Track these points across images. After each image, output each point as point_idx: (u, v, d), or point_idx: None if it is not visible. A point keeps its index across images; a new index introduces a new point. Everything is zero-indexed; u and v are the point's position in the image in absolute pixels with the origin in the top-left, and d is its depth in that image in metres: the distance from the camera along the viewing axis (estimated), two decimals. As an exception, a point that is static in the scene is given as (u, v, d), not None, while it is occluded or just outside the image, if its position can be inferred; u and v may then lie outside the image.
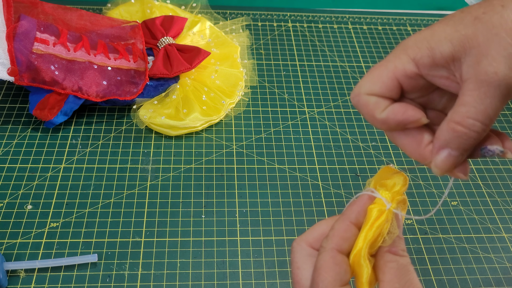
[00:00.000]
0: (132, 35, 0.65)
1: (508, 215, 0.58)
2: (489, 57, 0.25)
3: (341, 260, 0.29)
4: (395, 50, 0.29)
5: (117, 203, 0.54)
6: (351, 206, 0.31)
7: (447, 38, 0.27)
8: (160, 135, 0.61)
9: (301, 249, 0.32)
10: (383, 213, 0.30)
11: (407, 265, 0.29)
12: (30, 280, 0.48)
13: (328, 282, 0.29)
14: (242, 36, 0.72)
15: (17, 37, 0.57)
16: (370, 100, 0.29)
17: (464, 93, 0.26)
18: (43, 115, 0.59)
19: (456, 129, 0.26)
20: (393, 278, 0.29)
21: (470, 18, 0.27)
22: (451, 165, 0.28)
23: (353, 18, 0.83)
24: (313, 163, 0.61)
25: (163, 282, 0.49)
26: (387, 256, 0.30)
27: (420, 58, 0.28)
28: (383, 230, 0.30)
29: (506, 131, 0.67)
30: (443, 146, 0.27)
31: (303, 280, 0.31)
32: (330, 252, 0.30)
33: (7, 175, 0.56)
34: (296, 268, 0.32)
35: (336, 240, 0.30)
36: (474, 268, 0.52)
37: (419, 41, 0.28)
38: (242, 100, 0.66)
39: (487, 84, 0.25)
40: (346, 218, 0.31)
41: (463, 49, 0.26)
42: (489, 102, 0.26)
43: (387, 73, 0.29)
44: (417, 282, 0.29)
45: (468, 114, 0.26)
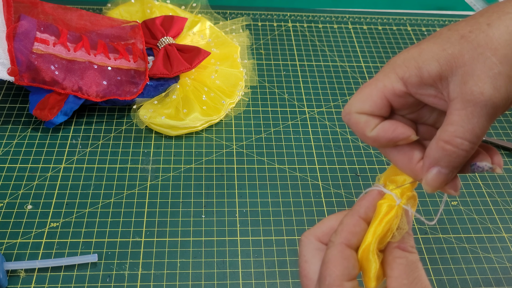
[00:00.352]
0: (132, 35, 0.65)
1: (508, 215, 0.58)
2: (475, 77, 0.26)
3: (350, 255, 0.30)
4: (384, 68, 0.30)
5: (117, 203, 0.54)
6: (361, 201, 0.31)
7: (434, 57, 0.27)
8: (160, 135, 0.61)
9: (309, 242, 0.33)
10: (392, 209, 0.30)
11: (416, 261, 0.29)
12: (30, 280, 0.48)
13: (335, 276, 0.29)
14: (242, 36, 0.72)
15: (17, 37, 0.57)
16: (360, 118, 0.30)
17: (452, 112, 0.27)
18: (43, 115, 0.59)
19: (445, 147, 0.27)
20: (402, 274, 0.29)
21: (456, 37, 0.27)
22: (441, 183, 0.28)
23: (353, 18, 0.83)
24: (313, 163, 0.61)
25: (163, 282, 0.49)
26: (396, 252, 0.30)
27: (408, 77, 0.28)
28: (393, 226, 0.30)
29: (506, 131, 0.67)
30: (433, 164, 0.28)
31: (311, 274, 0.31)
32: (339, 247, 0.30)
33: (7, 175, 0.56)
34: (304, 262, 0.32)
35: (345, 234, 0.30)
36: (474, 268, 0.52)
37: (407, 60, 0.28)
38: (242, 100, 0.66)
39: (473, 104, 0.26)
40: (355, 213, 0.31)
41: (449, 68, 0.27)
42: (476, 122, 0.26)
43: (376, 92, 0.29)
44: (426, 279, 0.29)
45: (456, 134, 0.26)
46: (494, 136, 0.66)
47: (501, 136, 0.66)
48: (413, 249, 0.30)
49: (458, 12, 0.89)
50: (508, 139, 0.66)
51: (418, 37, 0.81)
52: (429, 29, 0.83)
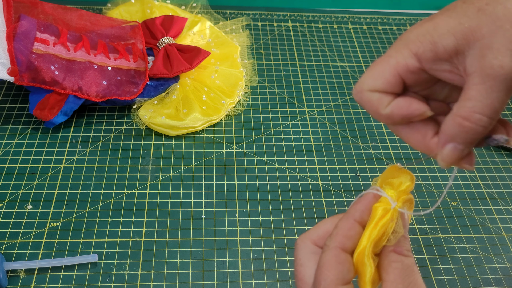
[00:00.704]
0: (132, 35, 0.65)
1: (508, 215, 0.58)
2: (494, 50, 0.25)
3: (344, 259, 0.29)
4: (396, 44, 0.29)
5: (117, 203, 0.54)
6: (356, 204, 0.31)
7: (450, 31, 0.26)
8: (160, 135, 0.61)
9: (305, 246, 0.32)
10: (388, 212, 0.29)
11: (411, 265, 0.29)
12: (30, 280, 0.48)
13: (330, 280, 0.29)
14: (242, 36, 0.72)
15: (17, 37, 0.57)
16: (373, 96, 0.29)
17: (470, 87, 0.26)
18: (43, 115, 0.59)
19: (462, 124, 0.26)
20: (397, 279, 0.29)
21: (473, 10, 0.26)
22: (457, 158, 0.28)
23: (353, 18, 0.83)
24: (313, 163, 0.61)
25: (163, 282, 0.49)
26: (391, 255, 0.29)
27: (423, 53, 0.27)
28: (388, 229, 0.29)
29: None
30: (449, 140, 0.27)
31: (306, 278, 0.31)
32: (334, 251, 0.29)
33: (7, 175, 0.56)
34: (299, 265, 0.32)
35: (339, 238, 0.30)
36: (474, 268, 0.52)
37: (421, 35, 0.27)
38: (242, 100, 0.66)
39: (493, 78, 0.25)
40: (350, 217, 0.30)
41: (466, 42, 0.26)
42: (495, 96, 0.25)
43: (389, 69, 0.28)
44: (422, 283, 0.29)
45: (474, 109, 0.26)
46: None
47: (501, 136, 0.66)
48: (409, 252, 0.30)
49: (458, 12, 0.89)
50: (508, 139, 0.66)
51: (418, 37, 0.81)
52: (429, 29, 0.83)
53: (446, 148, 0.28)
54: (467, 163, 0.29)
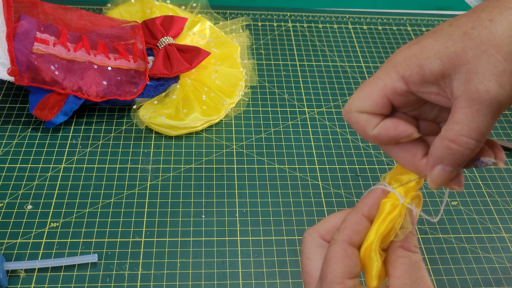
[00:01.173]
0: (132, 35, 0.65)
1: (508, 215, 0.58)
2: (479, 74, 0.25)
3: (352, 253, 0.29)
4: (384, 66, 0.29)
5: (117, 203, 0.54)
6: (364, 199, 0.31)
7: (436, 55, 0.27)
8: (160, 135, 0.61)
9: (312, 239, 0.32)
10: (396, 208, 0.30)
11: (419, 261, 0.29)
12: (30, 280, 0.48)
13: (337, 273, 0.29)
14: (242, 36, 0.72)
15: (17, 37, 0.57)
16: (361, 117, 0.29)
17: (457, 110, 0.26)
18: (43, 115, 0.59)
19: (450, 146, 0.27)
20: (404, 274, 0.29)
21: (459, 34, 0.26)
22: (445, 179, 0.28)
23: (353, 18, 0.83)
24: (313, 163, 0.61)
25: (163, 282, 0.49)
26: (399, 251, 0.29)
27: (410, 76, 0.28)
28: (396, 225, 0.29)
29: (506, 131, 0.67)
30: (438, 162, 0.28)
31: (313, 271, 0.31)
32: (341, 244, 0.30)
33: (7, 175, 0.56)
34: (306, 259, 0.32)
35: (347, 232, 0.30)
36: (474, 268, 0.52)
37: (408, 58, 0.28)
38: (242, 100, 0.66)
39: (479, 102, 0.26)
40: (358, 211, 0.30)
41: (452, 66, 0.26)
42: (481, 120, 0.26)
43: (377, 91, 0.29)
44: (428, 279, 0.29)
45: (461, 132, 0.26)
46: (494, 136, 0.66)
47: (501, 136, 0.66)
48: (416, 248, 0.30)
49: (458, 12, 0.89)
50: (508, 139, 0.66)
51: (418, 37, 0.81)
52: (429, 29, 0.83)
53: (435, 170, 0.28)
54: (456, 184, 0.29)
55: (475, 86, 0.26)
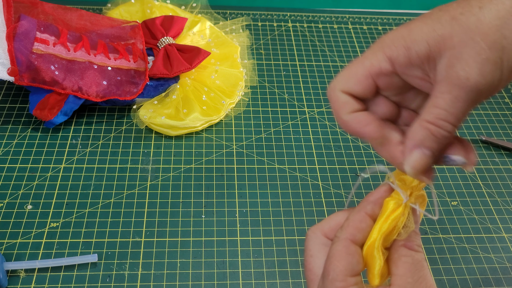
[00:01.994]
0: (132, 35, 0.65)
1: (508, 215, 0.58)
2: (463, 61, 0.25)
3: (354, 251, 0.29)
4: (372, 47, 0.29)
5: (117, 203, 0.54)
6: (368, 197, 0.31)
7: (423, 38, 0.27)
8: (160, 135, 0.61)
9: (315, 237, 0.32)
10: (399, 206, 0.30)
11: (421, 260, 0.29)
12: (30, 280, 0.48)
13: (339, 270, 0.29)
14: (242, 36, 0.72)
15: (17, 37, 0.57)
16: (340, 97, 0.30)
17: (437, 95, 0.26)
18: (43, 115, 0.59)
19: (429, 128, 0.27)
20: (407, 273, 0.29)
21: (447, 18, 0.26)
22: (424, 165, 0.28)
23: (353, 18, 0.83)
24: (313, 163, 0.61)
25: (163, 282, 0.49)
26: (401, 250, 0.29)
27: (396, 57, 0.28)
28: (399, 224, 0.29)
29: (506, 131, 0.67)
30: (417, 145, 0.28)
31: (315, 268, 0.31)
32: (344, 242, 0.30)
33: (7, 175, 0.56)
34: (309, 256, 0.32)
35: (350, 230, 0.30)
36: (474, 268, 0.52)
37: (396, 39, 0.28)
38: (242, 100, 0.66)
39: (459, 88, 0.26)
40: (362, 209, 0.30)
41: (438, 50, 0.26)
42: (459, 106, 0.26)
43: (362, 70, 0.29)
44: (431, 278, 0.29)
45: (440, 116, 0.26)
46: (494, 136, 0.66)
47: (501, 136, 0.66)
48: (419, 248, 0.30)
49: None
50: (508, 139, 0.66)
51: (418, 37, 0.81)
52: (429, 29, 0.83)
53: (413, 154, 0.28)
54: (427, 176, 0.29)
55: (456, 72, 0.26)
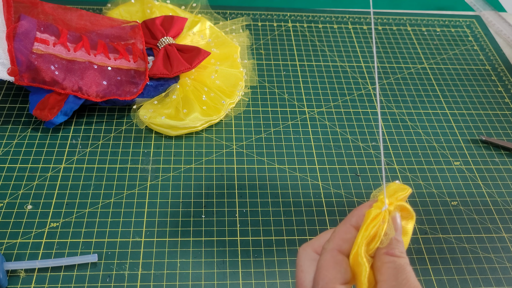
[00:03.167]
0: (132, 35, 0.65)
1: (508, 215, 0.58)
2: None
3: (341, 259, 0.31)
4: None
5: (117, 203, 0.54)
6: (353, 211, 0.33)
7: None
8: (160, 135, 0.61)
9: (306, 254, 0.34)
10: (379, 215, 0.31)
11: (404, 265, 0.30)
12: (30, 280, 0.48)
13: (328, 279, 0.30)
14: (242, 36, 0.72)
15: (17, 37, 0.57)
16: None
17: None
18: (43, 115, 0.59)
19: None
20: (390, 277, 0.30)
21: None
22: None
23: (353, 18, 0.83)
24: (313, 163, 0.61)
25: (163, 282, 0.49)
26: (384, 257, 0.31)
27: None
28: (380, 231, 0.31)
29: (506, 131, 0.67)
30: None
31: (306, 282, 0.33)
32: (331, 252, 0.31)
33: (7, 175, 0.56)
34: (300, 271, 0.33)
35: (336, 241, 0.32)
36: (474, 268, 0.52)
37: None
38: (242, 100, 0.66)
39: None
40: (347, 222, 0.32)
41: None
42: None
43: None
44: (415, 280, 0.30)
45: None
46: (494, 136, 0.66)
47: (501, 136, 0.66)
48: (402, 254, 0.31)
49: (458, 12, 0.89)
50: (508, 139, 0.66)
51: (418, 37, 0.81)
52: (429, 29, 0.83)
53: None
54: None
55: None
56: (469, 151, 0.64)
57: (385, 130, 0.65)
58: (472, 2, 0.92)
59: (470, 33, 0.83)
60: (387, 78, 0.73)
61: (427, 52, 0.78)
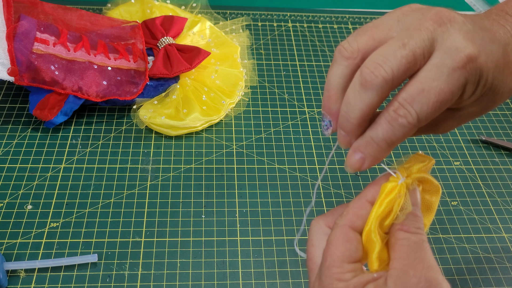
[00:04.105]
0: (132, 35, 0.65)
1: (508, 215, 0.58)
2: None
3: (353, 237, 0.29)
4: None
5: (117, 203, 0.54)
6: (369, 185, 0.31)
7: None
8: (160, 135, 0.61)
9: (318, 227, 0.32)
10: (395, 189, 0.29)
11: (419, 242, 0.28)
12: (30, 280, 0.48)
13: (336, 257, 0.28)
14: (242, 36, 0.72)
15: (17, 37, 0.57)
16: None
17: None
18: (43, 115, 0.59)
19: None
20: (402, 255, 0.28)
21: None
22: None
23: (353, 18, 0.83)
24: (313, 163, 0.61)
25: (163, 282, 0.49)
26: (398, 233, 0.29)
27: None
28: (395, 206, 0.29)
29: (506, 131, 0.67)
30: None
31: (316, 258, 0.31)
32: (342, 228, 0.29)
33: (7, 175, 0.56)
34: (310, 246, 0.32)
35: (349, 217, 0.30)
36: (474, 268, 0.52)
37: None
38: (242, 100, 0.66)
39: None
40: (362, 197, 0.30)
41: None
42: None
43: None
44: (431, 259, 0.28)
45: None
46: (494, 136, 0.66)
47: (501, 136, 0.66)
48: (418, 230, 0.29)
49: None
50: (508, 139, 0.66)
51: (418, 37, 0.81)
52: (429, 29, 0.83)
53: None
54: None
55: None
56: (469, 151, 0.64)
57: (385, 130, 0.65)
58: (472, 2, 0.92)
59: (470, 33, 0.83)
60: (387, 78, 0.73)
61: (427, 52, 0.78)
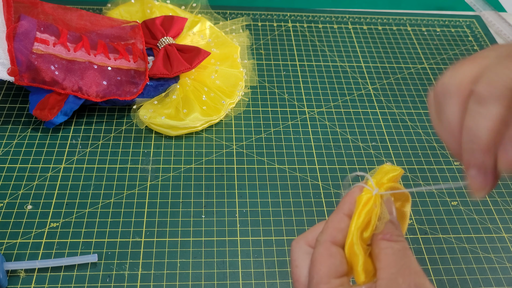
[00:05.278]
0: (132, 35, 0.65)
1: (508, 215, 0.58)
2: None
3: (336, 252, 0.29)
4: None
5: (117, 203, 0.54)
6: (343, 198, 0.31)
7: None
8: (160, 135, 0.61)
9: (299, 247, 0.32)
10: (370, 199, 0.30)
11: (403, 249, 0.29)
12: (30, 280, 0.48)
13: (322, 273, 0.29)
14: (242, 36, 0.72)
15: (17, 37, 0.57)
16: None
17: None
18: (43, 115, 0.59)
19: None
20: (389, 264, 0.28)
21: None
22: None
23: (353, 18, 0.83)
24: (313, 163, 0.61)
25: (163, 282, 0.49)
26: (381, 243, 0.29)
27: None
28: (373, 216, 0.29)
29: (506, 131, 0.67)
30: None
31: (302, 278, 0.31)
32: (324, 244, 0.30)
33: (7, 175, 0.56)
34: (294, 267, 0.32)
35: (329, 231, 0.30)
36: (474, 268, 0.52)
37: None
38: (242, 100, 0.66)
39: None
40: (339, 211, 0.31)
41: None
42: None
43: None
44: (416, 265, 0.28)
45: None
46: (494, 136, 0.66)
47: (501, 136, 0.66)
48: (399, 237, 0.30)
49: (458, 12, 0.89)
50: (508, 139, 0.66)
51: (418, 37, 0.81)
52: (429, 29, 0.83)
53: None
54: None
55: None
56: (469, 151, 0.64)
57: (385, 130, 0.65)
58: (472, 2, 0.92)
59: (470, 33, 0.83)
60: (387, 78, 0.73)
61: (427, 52, 0.78)
